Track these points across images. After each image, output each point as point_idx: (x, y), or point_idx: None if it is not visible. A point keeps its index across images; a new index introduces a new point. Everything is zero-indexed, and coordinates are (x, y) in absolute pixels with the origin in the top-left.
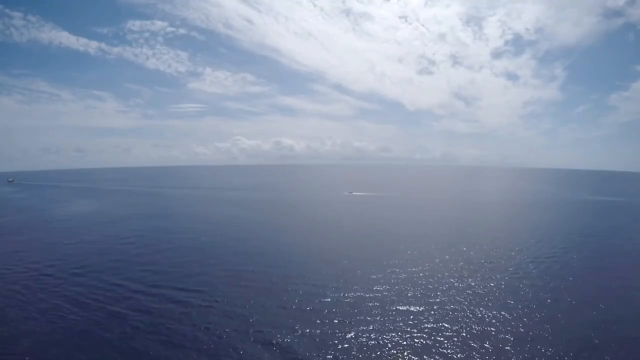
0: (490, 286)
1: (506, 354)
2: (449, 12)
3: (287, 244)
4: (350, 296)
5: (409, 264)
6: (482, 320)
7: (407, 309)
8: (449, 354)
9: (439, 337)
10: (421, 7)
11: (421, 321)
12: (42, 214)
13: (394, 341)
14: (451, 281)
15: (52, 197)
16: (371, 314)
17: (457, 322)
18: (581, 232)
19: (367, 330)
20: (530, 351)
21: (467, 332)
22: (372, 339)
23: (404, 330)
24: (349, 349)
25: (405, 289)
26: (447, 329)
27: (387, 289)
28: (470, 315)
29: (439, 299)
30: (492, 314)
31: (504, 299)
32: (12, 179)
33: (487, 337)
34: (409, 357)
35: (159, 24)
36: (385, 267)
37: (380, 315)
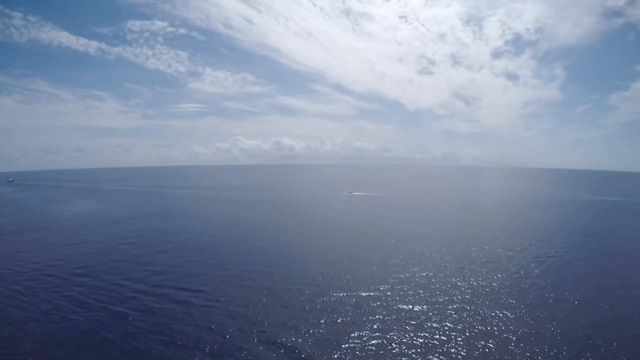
0: (492, 286)
1: (509, 353)
2: (449, 12)
3: (287, 244)
4: (352, 295)
5: (411, 264)
6: (484, 319)
7: (409, 308)
8: (452, 353)
9: (442, 336)
10: (421, 7)
11: (424, 320)
12: (43, 214)
13: (398, 340)
14: (453, 281)
15: (53, 197)
16: (374, 313)
17: (460, 321)
18: (582, 232)
19: (370, 329)
20: (532, 350)
21: (470, 332)
22: (376, 338)
23: (407, 329)
24: (352, 348)
25: (407, 289)
26: (450, 329)
27: (389, 289)
28: (472, 314)
29: (441, 299)
30: (495, 314)
31: (506, 298)
32: (12, 179)
33: (490, 337)
34: (412, 357)
35: (159, 24)
36: (386, 266)
37: (383, 314)
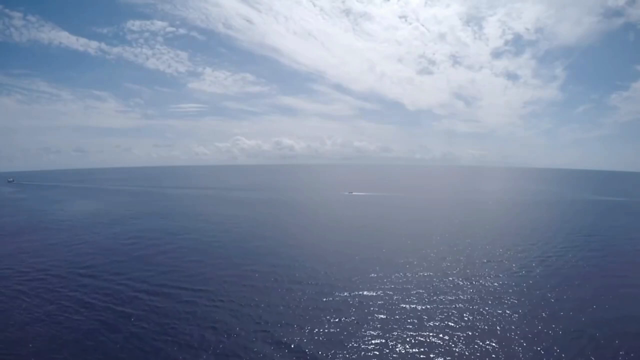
0: (494, 285)
1: (512, 352)
2: (449, 12)
3: (288, 244)
4: (355, 295)
5: (412, 264)
6: (487, 318)
7: (412, 307)
8: (455, 353)
9: (445, 336)
10: (421, 7)
11: (427, 320)
12: (43, 214)
13: (401, 339)
14: (455, 280)
15: (53, 197)
16: (377, 313)
17: (462, 320)
18: (582, 232)
19: (374, 329)
20: (535, 349)
21: (474, 331)
22: (379, 337)
23: (411, 329)
24: (356, 348)
25: (409, 288)
26: (453, 328)
27: (392, 288)
28: (475, 313)
29: (443, 298)
30: (497, 313)
31: (508, 297)
32: (12, 179)
33: (493, 336)
34: (416, 356)
35: (159, 24)
36: (388, 266)
37: (386, 314)
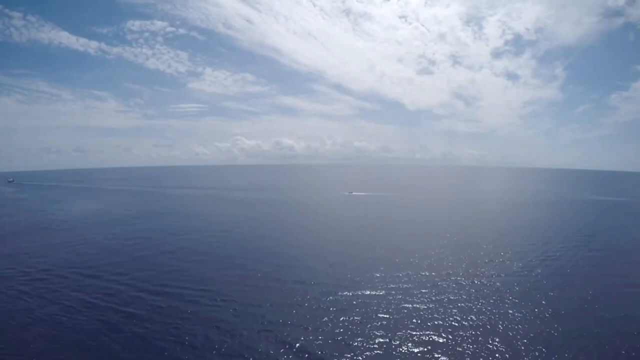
0: (496, 285)
1: (515, 351)
2: (449, 12)
3: (289, 244)
4: (358, 295)
5: (413, 263)
6: (490, 318)
7: (415, 307)
8: (459, 352)
9: (448, 335)
10: (421, 7)
11: (430, 319)
12: (43, 214)
13: (405, 339)
14: (457, 280)
15: (53, 197)
16: (380, 312)
17: (465, 320)
18: (583, 232)
19: (377, 328)
20: (538, 348)
21: (476, 330)
22: (383, 336)
23: (414, 328)
24: (360, 347)
25: (411, 288)
26: (456, 327)
27: (394, 288)
28: (477, 313)
29: (446, 298)
30: (500, 312)
31: (510, 297)
32: (12, 179)
33: (496, 335)
34: (419, 355)
35: (159, 24)
36: (389, 266)
37: (389, 313)
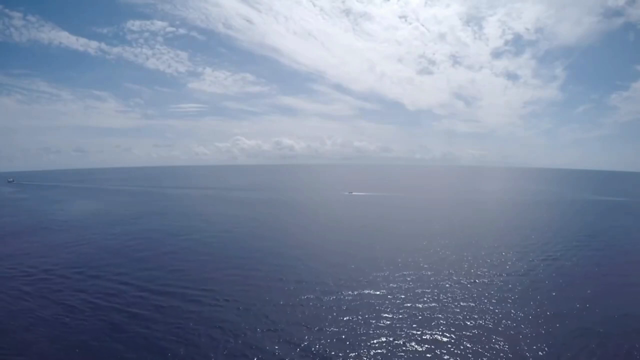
0: (498, 284)
1: (518, 349)
2: (449, 12)
3: (290, 244)
4: (360, 294)
5: (414, 263)
6: (491, 317)
7: (417, 306)
8: (462, 350)
9: (451, 334)
10: (421, 7)
11: (433, 319)
12: (44, 215)
13: (408, 338)
14: (459, 279)
15: (53, 197)
16: (383, 312)
17: (468, 319)
18: (583, 232)
19: (381, 327)
20: (540, 346)
21: (478, 329)
22: (387, 335)
23: (416, 327)
24: (363, 346)
25: (413, 287)
26: (459, 327)
27: (395, 288)
28: (480, 312)
29: (448, 297)
30: (502, 311)
31: (512, 296)
32: (12, 179)
33: (498, 333)
34: (422, 354)
35: (159, 24)
36: (390, 266)
37: (392, 313)
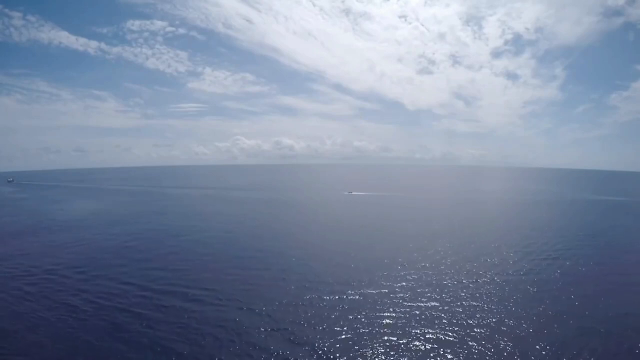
0: (500, 284)
1: (520, 348)
2: (449, 12)
3: (290, 244)
4: (362, 294)
5: (415, 263)
6: (493, 316)
7: (420, 306)
8: (464, 349)
9: (453, 334)
10: (421, 7)
11: (435, 318)
12: (44, 215)
13: (411, 337)
14: (461, 279)
15: (53, 198)
16: (386, 311)
17: (471, 318)
18: (583, 231)
19: (384, 326)
20: (542, 345)
21: (481, 328)
22: (390, 334)
23: (419, 327)
24: (366, 345)
25: (415, 287)
26: (462, 326)
27: (397, 287)
28: (482, 311)
29: (450, 297)
30: (505, 311)
31: (513, 295)
32: (12, 179)
33: (500, 332)
34: (427, 353)
35: (159, 24)
36: (392, 266)
37: (395, 312)
